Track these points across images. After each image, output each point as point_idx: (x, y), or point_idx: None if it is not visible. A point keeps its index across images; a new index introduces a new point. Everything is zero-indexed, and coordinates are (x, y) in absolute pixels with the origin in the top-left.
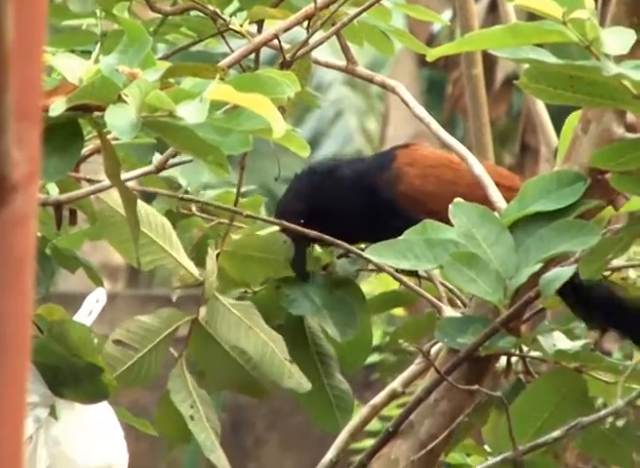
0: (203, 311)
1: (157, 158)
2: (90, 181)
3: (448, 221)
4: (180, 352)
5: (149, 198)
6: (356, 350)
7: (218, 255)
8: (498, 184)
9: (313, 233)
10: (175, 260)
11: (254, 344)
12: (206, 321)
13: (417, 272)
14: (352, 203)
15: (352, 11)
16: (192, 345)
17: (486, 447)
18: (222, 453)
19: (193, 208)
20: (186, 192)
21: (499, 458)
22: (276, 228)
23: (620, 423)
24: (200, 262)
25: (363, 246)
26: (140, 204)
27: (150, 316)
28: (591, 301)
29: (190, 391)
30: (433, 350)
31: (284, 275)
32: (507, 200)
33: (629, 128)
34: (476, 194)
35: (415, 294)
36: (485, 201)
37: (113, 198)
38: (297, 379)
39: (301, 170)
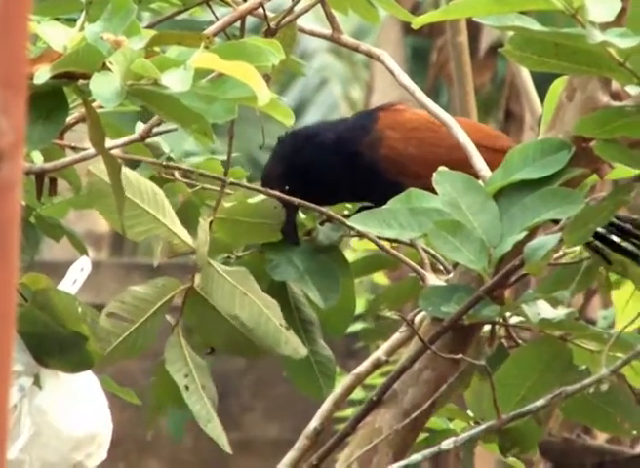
0: (198, 279)
1: (142, 126)
2: (74, 149)
3: (430, 185)
4: (177, 320)
5: (133, 165)
6: (339, 316)
7: (210, 223)
8: (484, 147)
9: (297, 201)
10: (168, 229)
11: (249, 311)
12: (201, 288)
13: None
14: (334, 165)
15: None
16: (188, 313)
17: (469, 412)
18: (218, 423)
19: (176, 174)
20: (169, 159)
21: (483, 427)
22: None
23: (603, 388)
24: (185, 227)
25: (347, 212)
26: (133, 174)
27: (145, 285)
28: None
29: (187, 360)
30: (417, 319)
31: (272, 240)
32: (494, 160)
33: (614, 96)
34: (458, 156)
35: (397, 260)
36: (467, 164)
37: (103, 169)
38: (293, 345)
39: (284, 134)
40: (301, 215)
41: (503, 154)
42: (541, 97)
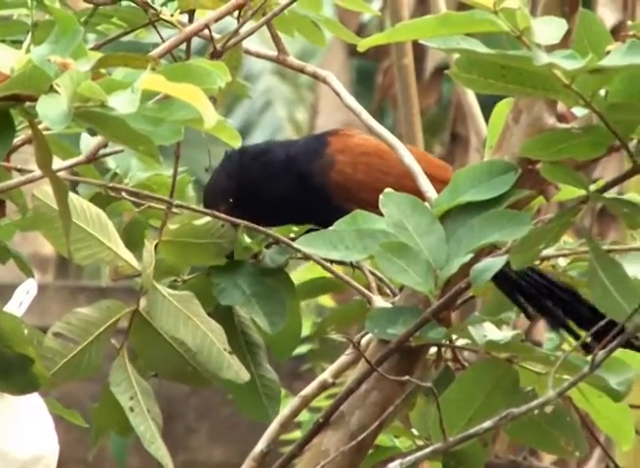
0: (143, 302)
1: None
2: (21, 171)
3: (378, 210)
4: (122, 343)
5: (76, 182)
6: (285, 339)
7: (155, 246)
8: (431, 176)
9: (243, 222)
10: (113, 253)
11: (192, 335)
12: (146, 312)
13: (347, 262)
14: (282, 186)
15: (283, 0)
16: (133, 336)
17: (413, 430)
18: (162, 444)
19: (122, 192)
20: (115, 174)
21: (429, 449)
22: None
23: (548, 410)
24: (130, 247)
25: (293, 235)
26: (75, 198)
27: (90, 308)
28: (524, 288)
29: (132, 383)
30: (364, 341)
31: (218, 262)
32: (439, 191)
33: (560, 118)
34: (406, 184)
35: (344, 282)
36: (415, 191)
37: (48, 193)
38: (235, 370)
39: (231, 151)
40: (247, 239)
41: None
42: (487, 120)
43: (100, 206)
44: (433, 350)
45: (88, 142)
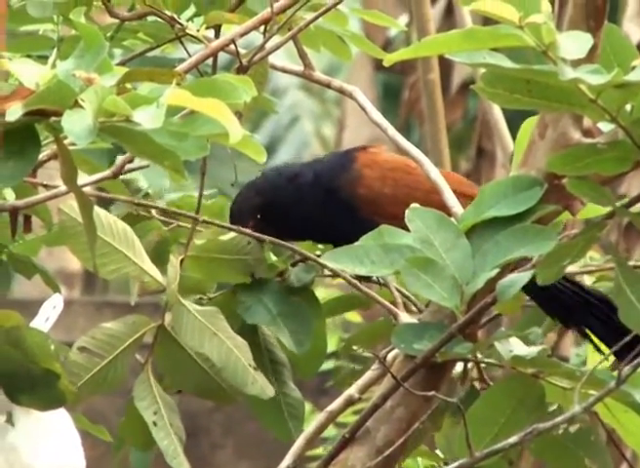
0: (168, 317)
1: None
2: (46, 187)
3: (405, 226)
4: (146, 358)
5: (108, 202)
6: (310, 357)
7: (181, 261)
8: (457, 192)
9: (269, 238)
10: (138, 268)
11: (217, 350)
12: (171, 327)
13: (372, 277)
14: (310, 203)
15: (309, 16)
16: (158, 351)
17: (438, 451)
18: (185, 459)
19: (153, 211)
20: (147, 194)
21: (455, 464)
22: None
23: (572, 429)
24: (158, 265)
25: (319, 252)
26: (102, 212)
27: (116, 322)
28: (559, 297)
29: (155, 397)
30: (390, 356)
31: (244, 278)
32: (465, 207)
33: (586, 132)
34: (434, 199)
35: (370, 298)
36: (442, 207)
37: (74, 207)
38: (260, 386)
39: (267, 170)
40: (273, 257)
41: None
42: (513, 135)
43: (130, 225)
44: (459, 368)
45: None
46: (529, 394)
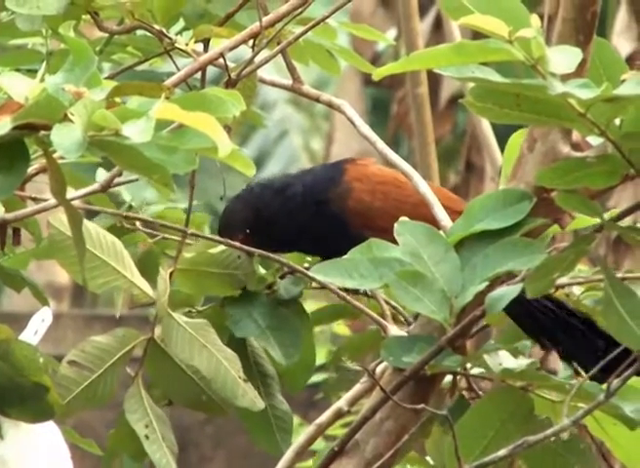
0: (158, 330)
1: (103, 173)
2: (35, 200)
3: (394, 239)
4: (137, 371)
5: (93, 214)
6: (299, 370)
7: (170, 274)
8: (445, 207)
9: (258, 251)
10: (128, 281)
11: (207, 362)
12: (161, 339)
13: (361, 291)
14: (299, 215)
15: (298, 29)
16: (148, 364)
17: (428, 458)
18: None
19: (137, 223)
20: (130, 207)
21: None
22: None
23: (563, 436)
24: (145, 277)
25: (307, 265)
26: (92, 226)
27: (105, 336)
28: (537, 319)
29: (146, 410)
30: (379, 369)
31: (233, 292)
32: (454, 221)
33: (575, 146)
34: (423, 213)
35: (359, 310)
36: (431, 220)
37: (63, 221)
38: (250, 398)
39: (255, 183)
40: (262, 270)
41: None
42: (502, 148)
43: (115, 237)
44: (448, 379)
45: (103, 173)
46: (518, 407)
